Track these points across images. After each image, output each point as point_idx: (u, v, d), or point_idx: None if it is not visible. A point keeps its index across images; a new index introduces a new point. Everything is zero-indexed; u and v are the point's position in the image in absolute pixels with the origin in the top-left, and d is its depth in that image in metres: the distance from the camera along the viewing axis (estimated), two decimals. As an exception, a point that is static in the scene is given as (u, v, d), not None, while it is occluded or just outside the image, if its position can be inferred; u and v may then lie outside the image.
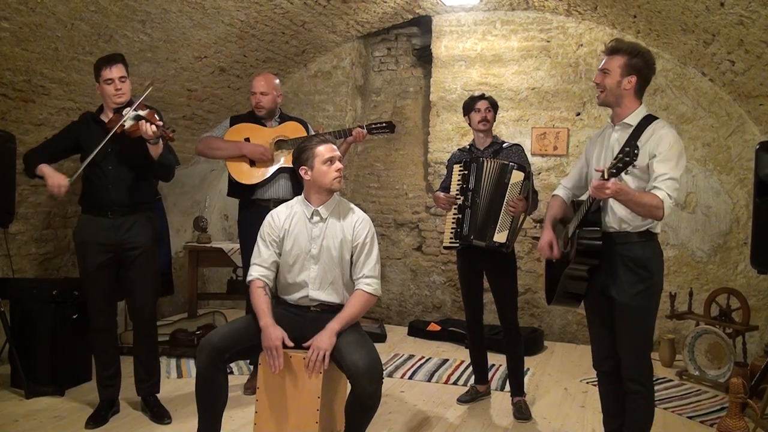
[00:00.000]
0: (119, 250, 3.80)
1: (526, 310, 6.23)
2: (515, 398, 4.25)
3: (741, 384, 3.63)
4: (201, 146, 4.35)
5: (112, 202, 3.76)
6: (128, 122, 3.65)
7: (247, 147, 4.25)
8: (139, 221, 3.85)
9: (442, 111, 6.51)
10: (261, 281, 3.23)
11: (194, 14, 4.69)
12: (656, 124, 2.94)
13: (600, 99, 3.05)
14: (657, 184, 2.80)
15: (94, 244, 3.76)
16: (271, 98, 4.31)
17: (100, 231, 3.76)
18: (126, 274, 3.86)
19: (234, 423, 3.87)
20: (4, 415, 3.89)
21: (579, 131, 6.07)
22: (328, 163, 3.19)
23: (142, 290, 3.89)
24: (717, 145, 5.57)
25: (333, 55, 6.74)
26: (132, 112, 3.67)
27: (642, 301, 2.94)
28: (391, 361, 5.29)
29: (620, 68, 2.95)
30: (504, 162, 4.02)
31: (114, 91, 3.70)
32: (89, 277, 3.81)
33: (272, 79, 4.38)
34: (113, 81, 3.69)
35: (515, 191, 3.96)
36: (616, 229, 2.97)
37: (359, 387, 2.90)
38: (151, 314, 3.98)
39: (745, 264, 5.45)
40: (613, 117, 3.08)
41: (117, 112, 3.71)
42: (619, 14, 5.43)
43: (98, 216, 3.77)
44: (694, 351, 4.97)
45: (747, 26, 4.12)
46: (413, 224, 6.78)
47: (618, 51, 2.96)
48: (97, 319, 3.86)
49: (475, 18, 6.36)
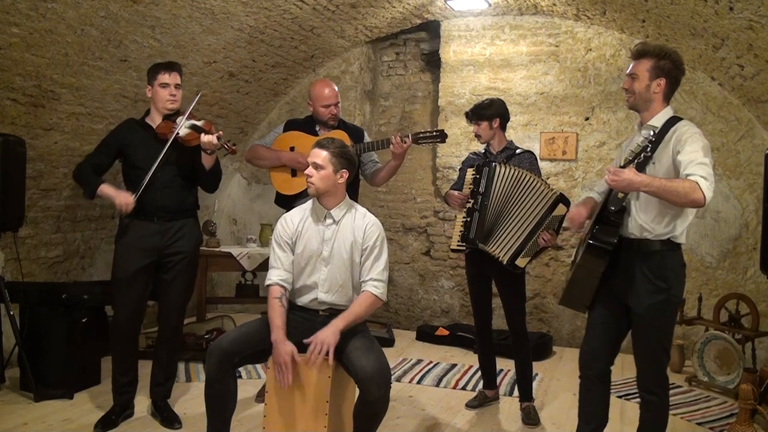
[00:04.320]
0: (162, 255, 3.81)
1: (535, 315, 6.22)
2: (524, 403, 4.24)
3: (750, 390, 3.62)
4: (248, 154, 4.31)
5: (159, 207, 3.77)
6: (183, 130, 3.71)
7: (285, 156, 4.16)
8: (185, 227, 3.88)
9: (451, 116, 6.51)
10: (279, 288, 3.21)
11: (204, 20, 4.71)
12: (680, 124, 2.90)
13: (629, 103, 3.02)
14: (687, 170, 2.69)
15: (137, 249, 3.76)
16: (340, 108, 4.23)
17: (146, 236, 3.77)
18: (164, 276, 3.86)
19: (243, 427, 3.88)
20: (13, 418, 3.90)
21: (588, 136, 6.07)
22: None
23: (177, 294, 3.90)
24: (726, 149, 5.56)
25: (342, 60, 6.76)
26: (187, 121, 3.73)
27: (658, 313, 2.90)
28: (399, 366, 5.29)
29: (648, 71, 2.92)
30: (554, 190, 3.91)
31: (169, 96, 3.75)
32: (124, 282, 3.77)
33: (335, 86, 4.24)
34: (169, 86, 3.74)
35: (554, 224, 3.92)
36: (637, 235, 2.92)
37: (367, 392, 2.91)
38: (179, 319, 4.00)
39: (754, 269, 5.42)
40: (639, 121, 3.06)
41: (167, 119, 3.76)
42: (628, 19, 5.42)
43: (144, 221, 3.77)
44: (703, 357, 4.95)
45: (756, 31, 4.11)
46: (421, 229, 6.78)
47: (645, 54, 2.93)
48: (123, 325, 3.82)
49: (484, 23, 6.37)
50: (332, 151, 3.18)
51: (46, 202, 4.87)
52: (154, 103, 3.82)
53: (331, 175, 3.18)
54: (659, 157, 2.88)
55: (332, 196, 3.25)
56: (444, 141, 4.10)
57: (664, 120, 2.94)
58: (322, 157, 3.17)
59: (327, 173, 3.17)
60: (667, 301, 2.90)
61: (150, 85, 3.79)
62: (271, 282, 3.24)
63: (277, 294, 3.19)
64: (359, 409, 3.00)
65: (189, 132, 3.72)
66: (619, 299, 3.01)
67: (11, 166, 4.13)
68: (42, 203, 4.85)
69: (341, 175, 3.21)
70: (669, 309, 2.94)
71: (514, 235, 3.94)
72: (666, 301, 2.90)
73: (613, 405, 4.48)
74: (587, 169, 6.05)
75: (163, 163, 3.73)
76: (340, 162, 3.19)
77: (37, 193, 4.73)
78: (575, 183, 6.08)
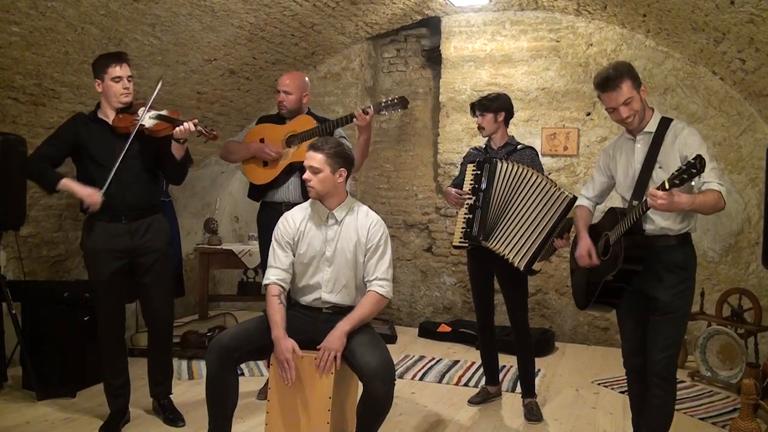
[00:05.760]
0: (134, 256, 3.68)
1: (537, 311, 6.22)
2: (526, 399, 4.24)
3: (753, 385, 3.61)
4: (222, 151, 4.35)
5: (126, 206, 3.62)
6: (148, 121, 3.57)
7: (254, 147, 4.17)
8: (153, 224, 3.75)
9: (452, 112, 6.51)
10: (277, 287, 3.20)
11: (204, 17, 4.71)
12: (675, 125, 3.01)
13: (635, 125, 3.05)
14: (704, 179, 2.84)
15: (107, 252, 3.62)
16: (295, 98, 4.17)
17: (114, 237, 3.62)
18: (142, 279, 3.75)
19: (245, 424, 3.88)
20: (16, 416, 3.91)
21: (589, 131, 6.06)
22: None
23: (161, 294, 3.81)
24: (728, 144, 5.54)
25: (342, 56, 6.75)
26: (151, 112, 3.60)
27: (682, 301, 3.02)
28: (401, 363, 5.29)
29: (634, 89, 2.98)
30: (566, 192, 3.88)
31: (122, 89, 3.59)
32: (102, 287, 3.69)
33: (299, 78, 4.25)
34: (122, 79, 3.58)
35: (567, 227, 3.92)
36: (657, 233, 3.02)
37: (372, 388, 2.91)
38: (169, 317, 3.93)
39: (756, 264, 5.41)
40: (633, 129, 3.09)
41: (122, 112, 3.62)
42: (629, 13, 5.41)
43: (110, 222, 3.62)
44: (705, 352, 4.95)
45: (757, 24, 4.10)
46: (423, 225, 6.77)
47: (620, 76, 2.96)
48: (109, 328, 3.76)
49: (485, 18, 6.36)
50: (327, 152, 3.15)
51: (47, 200, 4.87)
52: (106, 98, 3.62)
53: (329, 176, 3.16)
54: (665, 160, 2.98)
55: (333, 196, 3.23)
56: (405, 107, 4.00)
57: (656, 123, 3.05)
58: (318, 159, 3.14)
59: (325, 175, 3.15)
60: (689, 289, 3.06)
61: (99, 79, 3.59)
62: (268, 281, 3.23)
63: (276, 292, 3.19)
64: (363, 405, 3.00)
65: (157, 122, 3.58)
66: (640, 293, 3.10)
67: (12, 165, 4.12)
68: (43, 202, 4.85)
69: (340, 174, 3.19)
70: (690, 296, 3.08)
71: (523, 237, 3.92)
72: (689, 289, 3.06)
73: (617, 400, 4.50)
74: (589, 164, 6.04)
75: (127, 159, 3.56)
76: (336, 162, 3.16)
77: (38, 192, 4.72)
78: (577, 178, 6.06)
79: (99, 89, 3.64)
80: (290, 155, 4.13)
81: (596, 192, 3.40)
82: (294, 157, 4.09)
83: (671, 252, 3.01)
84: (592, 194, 3.42)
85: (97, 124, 3.66)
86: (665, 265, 3.01)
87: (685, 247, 3.05)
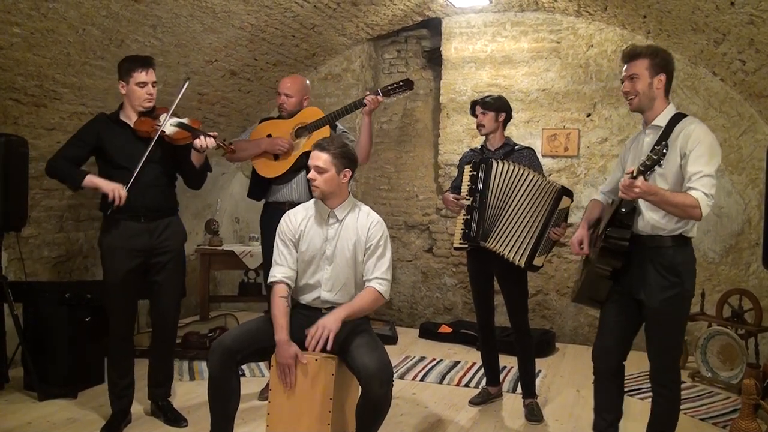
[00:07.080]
0: (150, 255, 3.72)
1: (538, 311, 6.22)
2: (527, 400, 4.24)
3: (753, 385, 3.61)
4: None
5: (144, 206, 3.67)
6: (169, 128, 3.61)
7: (264, 142, 4.18)
8: (170, 225, 3.80)
9: (453, 113, 6.51)
10: (284, 286, 3.21)
11: (205, 18, 4.71)
12: (685, 121, 2.93)
13: (633, 105, 3.03)
14: (692, 183, 2.77)
15: (125, 250, 3.65)
16: (295, 101, 4.21)
17: (133, 236, 3.66)
18: (154, 277, 3.78)
19: (246, 425, 3.88)
20: (17, 417, 3.91)
21: (590, 132, 6.06)
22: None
23: (170, 294, 3.84)
24: (728, 145, 5.55)
25: (343, 57, 6.75)
26: (173, 119, 3.64)
27: (670, 307, 2.93)
28: (402, 363, 5.29)
29: (648, 69, 2.94)
30: (554, 184, 3.94)
31: (146, 95, 3.62)
32: (115, 285, 3.70)
33: (300, 81, 4.28)
34: (146, 85, 3.61)
35: (561, 217, 3.95)
36: (649, 232, 2.95)
37: (370, 389, 2.91)
38: (174, 319, 3.95)
39: (757, 265, 5.42)
40: (644, 121, 3.07)
41: (144, 116, 3.66)
42: (630, 14, 5.42)
43: (129, 220, 3.66)
44: (706, 352, 4.95)
45: (758, 25, 4.11)
46: (424, 226, 6.78)
47: (639, 54, 2.95)
48: (118, 328, 3.77)
49: (485, 19, 6.36)
50: (333, 153, 3.16)
51: (48, 201, 4.88)
52: (130, 101, 3.66)
53: (334, 176, 3.18)
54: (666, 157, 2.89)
55: (336, 196, 3.25)
56: (411, 88, 4.10)
57: (668, 118, 2.97)
58: (324, 159, 3.16)
59: (330, 175, 3.17)
60: (679, 296, 2.93)
61: (124, 81, 3.62)
62: (275, 279, 3.23)
63: (283, 293, 3.19)
64: (362, 406, 3.00)
65: (177, 131, 3.63)
66: (630, 295, 3.04)
67: (14, 166, 4.14)
68: (45, 203, 4.86)
69: (344, 174, 3.21)
70: (682, 303, 2.98)
71: (521, 234, 3.94)
72: (679, 296, 2.93)
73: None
74: (589, 165, 6.04)
75: (147, 162, 3.60)
76: (341, 162, 3.18)
77: (39, 193, 4.74)
78: (577, 179, 6.07)
79: (123, 91, 3.67)
80: (302, 145, 4.14)
81: (611, 186, 3.33)
82: (307, 147, 4.07)
83: (663, 254, 2.93)
84: (607, 188, 3.36)
85: (118, 126, 3.70)
86: (654, 266, 2.94)
87: (679, 250, 2.93)
